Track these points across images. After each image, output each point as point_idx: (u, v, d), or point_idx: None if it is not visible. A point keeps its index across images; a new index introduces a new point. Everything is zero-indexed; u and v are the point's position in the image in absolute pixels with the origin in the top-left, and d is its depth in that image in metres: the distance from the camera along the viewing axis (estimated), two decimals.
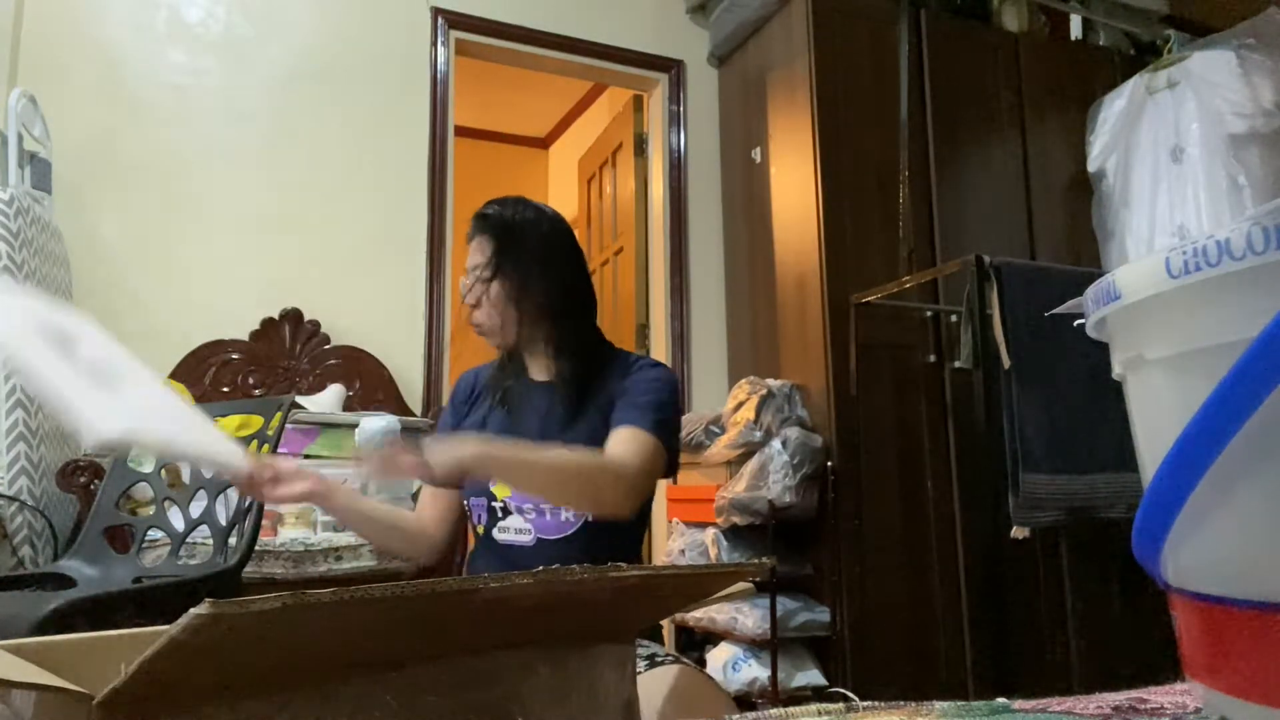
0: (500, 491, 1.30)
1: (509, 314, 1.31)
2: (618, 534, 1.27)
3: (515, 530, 1.29)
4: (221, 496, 1.74)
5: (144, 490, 1.87)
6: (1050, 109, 3.19)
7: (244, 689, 0.38)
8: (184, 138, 2.65)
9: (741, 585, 0.74)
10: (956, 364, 2.50)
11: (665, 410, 1.27)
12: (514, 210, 1.36)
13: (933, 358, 2.77)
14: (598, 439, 1.26)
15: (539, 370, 1.37)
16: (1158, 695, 0.53)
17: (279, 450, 1.97)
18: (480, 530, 1.33)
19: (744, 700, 2.43)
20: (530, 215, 1.36)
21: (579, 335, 1.35)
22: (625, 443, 1.21)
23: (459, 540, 2.33)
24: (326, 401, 2.50)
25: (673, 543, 2.84)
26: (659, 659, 1.09)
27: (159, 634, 0.32)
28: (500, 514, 1.30)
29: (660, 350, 3.30)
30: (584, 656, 0.49)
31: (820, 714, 0.49)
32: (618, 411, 1.27)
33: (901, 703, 0.53)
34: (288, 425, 1.94)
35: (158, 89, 2.64)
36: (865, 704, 0.54)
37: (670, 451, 1.26)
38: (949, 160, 2.96)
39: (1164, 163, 2.81)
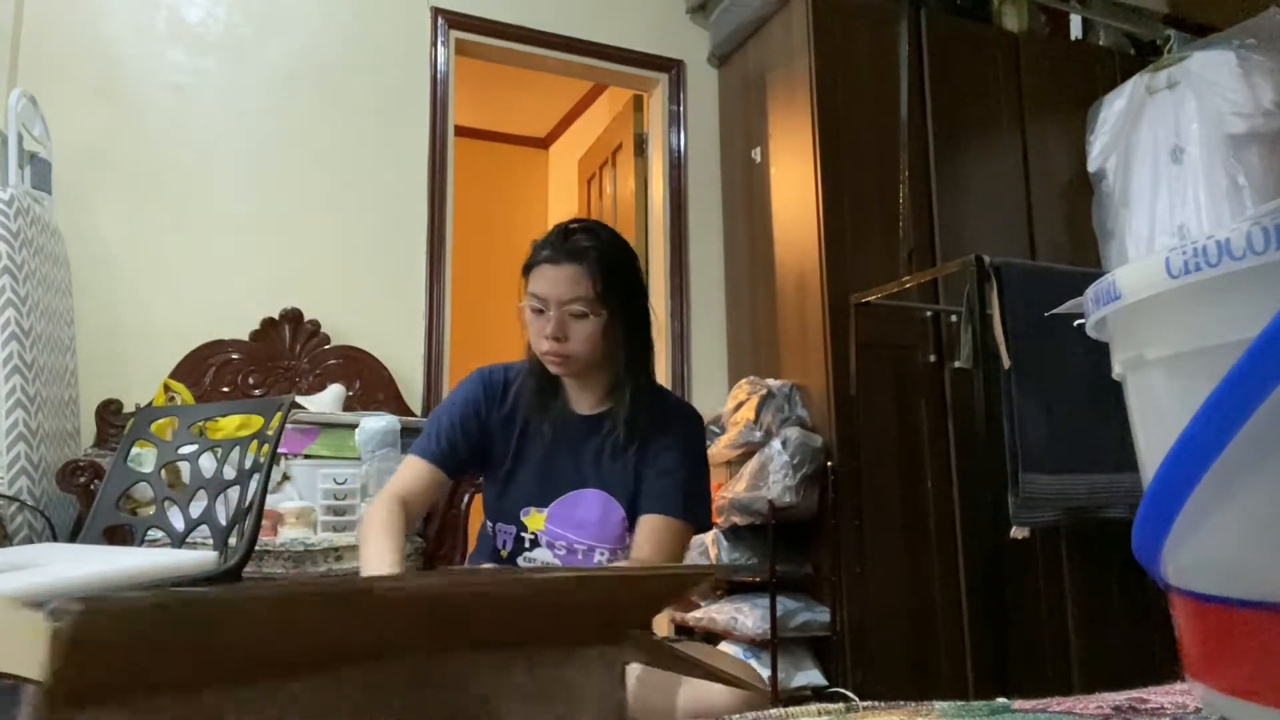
0: (532, 524, 1.31)
1: (605, 349, 1.29)
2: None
3: (542, 564, 1.30)
4: (221, 496, 1.74)
5: (144, 490, 1.87)
6: (1050, 109, 3.19)
7: (190, 682, 0.38)
8: (184, 138, 2.65)
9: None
10: (956, 364, 2.50)
11: (696, 482, 1.32)
12: (611, 245, 1.31)
13: (933, 358, 2.77)
14: (629, 479, 1.30)
15: (584, 403, 1.35)
16: (1158, 695, 0.53)
17: (279, 450, 1.97)
18: (504, 554, 1.34)
19: None
20: (628, 254, 1.35)
21: (647, 376, 1.35)
22: (655, 539, 1.25)
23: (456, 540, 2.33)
24: (326, 401, 2.50)
25: None
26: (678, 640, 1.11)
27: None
28: (528, 545, 1.31)
29: (660, 350, 3.29)
30: (566, 659, 0.49)
31: (820, 714, 0.49)
32: (650, 487, 1.29)
33: (901, 703, 0.53)
34: (288, 425, 1.94)
35: (158, 89, 2.64)
36: (865, 704, 0.54)
37: (699, 524, 1.32)
38: (949, 160, 2.96)
39: (1164, 163, 2.81)
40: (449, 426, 1.36)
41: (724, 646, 2.59)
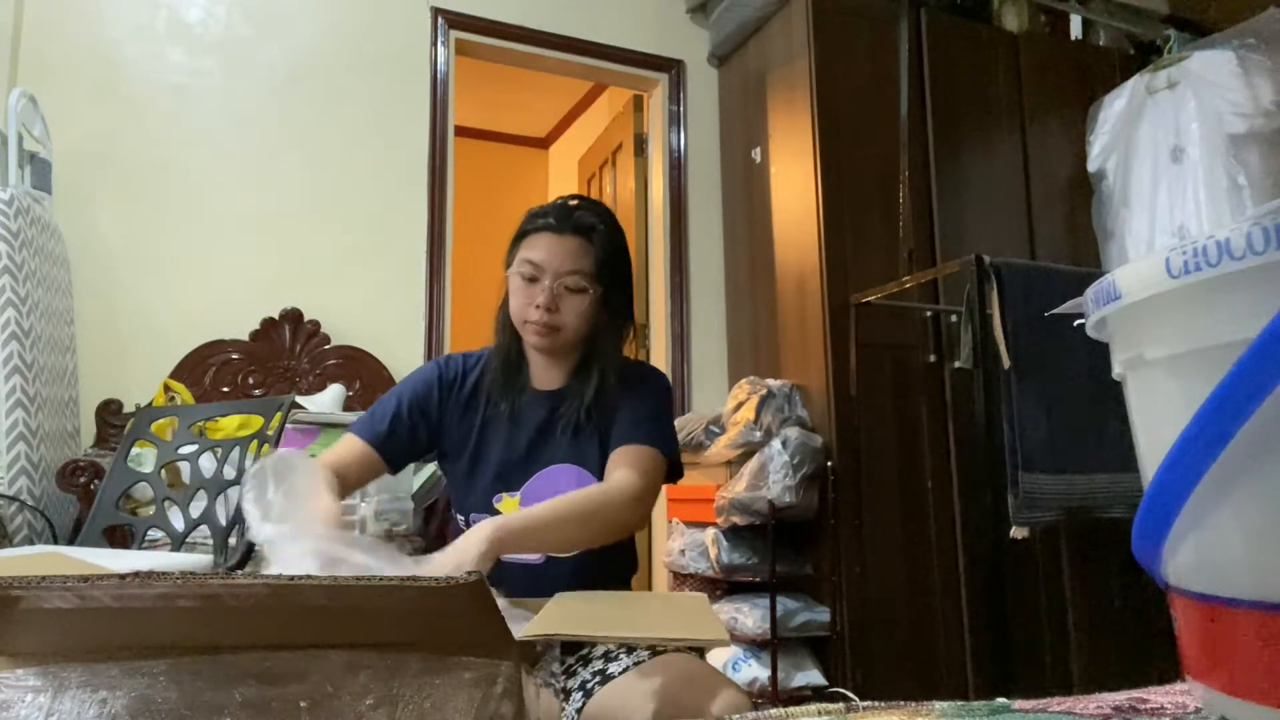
0: (507, 510, 1.29)
1: (589, 329, 1.28)
2: (621, 543, 1.32)
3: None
4: (221, 497, 1.74)
5: (144, 490, 1.87)
6: (1050, 109, 3.19)
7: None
8: (184, 138, 2.65)
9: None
10: (956, 364, 2.50)
11: (660, 419, 1.29)
12: (614, 228, 1.31)
13: (933, 358, 2.77)
14: (599, 447, 1.28)
15: (547, 379, 1.34)
16: (1158, 695, 0.53)
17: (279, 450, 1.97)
18: None
19: None
20: (624, 240, 1.34)
21: (619, 358, 1.34)
22: (625, 461, 1.22)
23: None
24: (326, 401, 2.50)
25: (673, 542, 2.84)
26: (660, 649, 1.09)
27: None
28: None
29: (660, 350, 3.29)
30: (427, 667, 0.49)
31: (820, 714, 0.49)
32: (616, 430, 1.27)
33: (901, 703, 0.53)
34: (288, 425, 1.94)
35: (158, 89, 2.64)
36: (865, 704, 0.54)
37: (670, 455, 1.28)
38: (949, 160, 2.96)
39: (1164, 163, 2.81)
40: (394, 410, 1.31)
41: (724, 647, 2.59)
